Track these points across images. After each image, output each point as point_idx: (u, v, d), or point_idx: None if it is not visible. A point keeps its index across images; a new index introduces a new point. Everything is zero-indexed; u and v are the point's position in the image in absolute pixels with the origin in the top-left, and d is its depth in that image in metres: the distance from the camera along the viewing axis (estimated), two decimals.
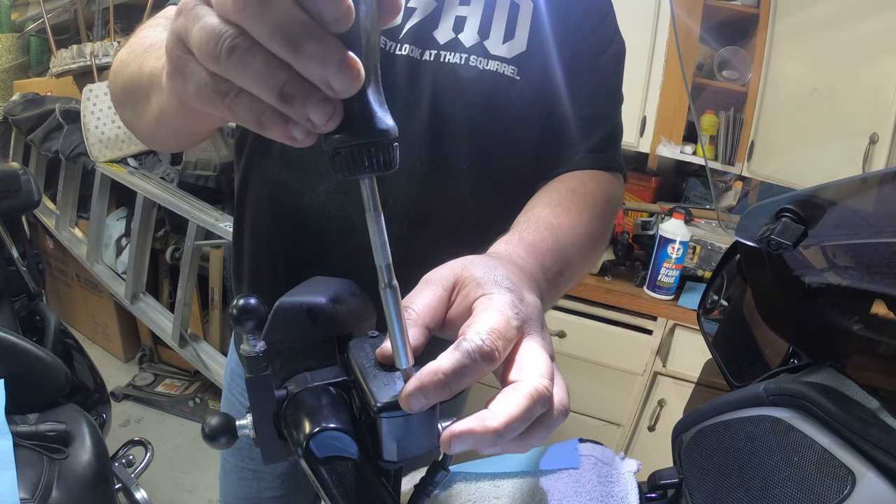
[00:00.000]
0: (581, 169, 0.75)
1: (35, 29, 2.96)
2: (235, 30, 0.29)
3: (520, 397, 0.34)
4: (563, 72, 0.75)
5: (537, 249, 0.54)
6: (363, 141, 0.31)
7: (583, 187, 0.70)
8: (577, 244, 0.60)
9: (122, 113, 0.64)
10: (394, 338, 0.35)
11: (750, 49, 1.94)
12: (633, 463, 0.54)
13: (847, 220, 0.48)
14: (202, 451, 2.27)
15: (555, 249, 0.56)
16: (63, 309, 2.85)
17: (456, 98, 0.71)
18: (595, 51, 0.77)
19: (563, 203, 0.65)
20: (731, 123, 1.96)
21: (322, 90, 0.29)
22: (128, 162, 2.35)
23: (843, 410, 0.43)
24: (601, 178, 0.74)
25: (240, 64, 0.29)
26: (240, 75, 0.29)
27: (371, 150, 0.31)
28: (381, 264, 0.34)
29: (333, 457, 0.37)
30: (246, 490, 0.90)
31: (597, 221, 0.66)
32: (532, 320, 0.41)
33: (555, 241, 0.57)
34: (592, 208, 0.67)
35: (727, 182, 2.15)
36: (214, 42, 0.29)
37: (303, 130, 0.31)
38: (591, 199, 0.68)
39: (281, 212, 0.76)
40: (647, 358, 1.90)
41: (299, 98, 0.29)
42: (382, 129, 0.31)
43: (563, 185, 0.70)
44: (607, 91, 0.79)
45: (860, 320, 0.58)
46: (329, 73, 0.28)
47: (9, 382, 1.09)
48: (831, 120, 1.65)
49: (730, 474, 0.47)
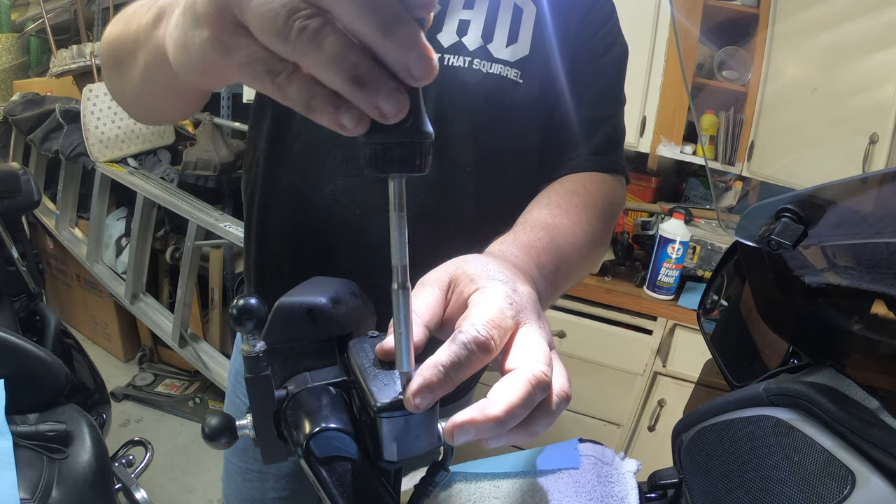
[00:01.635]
0: (582, 171, 0.75)
1: (35, 29, 2.97)
2: (310, 9, 0.27)
3: (518, 384, 0.34)
4: (566, 75, 0.75)
5: (532, 248, 0.54)
6: (408, 140, 0.30)
7: (582, 189, 0.70)
8: (575, 244, 0.60)
9: (110, 82, 0.64)
10: (399, 339, 0.35)
11: (750, 49, 1.94)
12: (633, 463, 0.54)
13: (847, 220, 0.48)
14: (202, 451, 2.27)
15: (551, 248, 0.56)
16: (63, 309, 2.85)
17: (459, 101, 0.71)
18: (598, 53, 0.77)
19: (561, 205, 0.65)
20: (731, 123, 1.96)
21: (395, 79, 0.28)
22: (128, 162, 2.35)
23: (843, 410, 0.43)
24: (602, 180, 0.74)
25: (311, 43, 0.27)
26: (309, 56, 0.28)
27: (413, 149, 0.30)
28: (398, 264, 0.33)
29: (333, 457, 0.37)
30: (250, 491, 0.90)
31: (596, 223, 0.66)
32: (527, 309, 0.41)
33: (550, 240, 0.57)
34: (592, 210, 0.67)
35: (727, 182, 2.15)
36: (284, 20, 0.27)
37: (354, 118, 0.29)
38: (591, 200, 0.68)
39: (287, 214, 0.77)
40: (647, 358, 1.90)
41: (372, 84, 0.28)
42: (427, 131, 0.30)
43: (563, 187, 0.70)
44: (609, 93, 0.79)
45: (860, 320, 0.58)
46: (411, 59, 0.27)
47: (9, 382, 1.08)
48: (831, 120, 1.65)
49: (730, 474, 0.47)
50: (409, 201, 0.33)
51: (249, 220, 0.83)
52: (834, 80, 1.62)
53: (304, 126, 0.73)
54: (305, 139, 0.73)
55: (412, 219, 0.74)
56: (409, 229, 0.34)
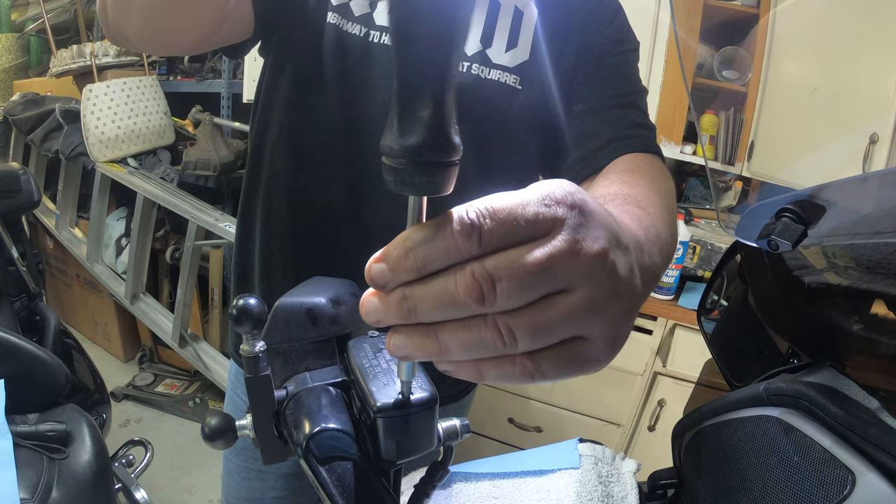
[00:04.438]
0: (622, 154, 0.69)
1: (35, 29, 2.96)
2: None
3: None
4: (568, 79, 0.74)
5: (624, 212, 0.45)
6: (434, 159, 0.27)
7: (638, 168, 0.64)
8: (663, 216, 0.49)
9: (115, 8, 0.61)
10: None
11: (750, 49, 1.94)
12: (633, 463, 0.54)
13: (847, 220, 0.48)
14: (202, 451, 2.27)
15: (643, 216, 0.46)
16: (63, 309, 2.85)
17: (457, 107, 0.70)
18: (610, 46, 0.75)
19: (627, 181, 0.58)
20: (731, 123, 1.96)
21: None
22: (128, 162, 2.35)
23: (843, 410, 0.43)
24: (650, 160, 0.69)
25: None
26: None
27: (439, 169, 0.28)
28: None
29: (333, 457, 0.37)
30: (249, 490, 0.90)
31: (669, 199, 0.58)
32: (587, 224, 0.28)
33: (639, 206, 0.48)
34: (656, 184, 0.60)
35: (727, 182, 2.15)
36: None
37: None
38: (652, 177, 0.62)
39: (291, 211, 0.76)
40: (647, 358, 1.90)
41: None
42: (456, 148, 0.28)
43: (619, 167, 0.65)
44: (629, 83, 0.76)
45: (860, 320, 0.58)
46: None
47: (9, 382, 1.09)
48: (831, 120, 1.65)
49: (730, 474, 0.47)
50: None
51: (247, 219, 0.83)
52: (834, 80, 1.61)
53: (308, 126, 0.73)
54: (311, 139, 0.73)
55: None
56: None
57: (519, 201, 0.27)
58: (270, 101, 0.77)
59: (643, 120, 0.74)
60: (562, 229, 0.27)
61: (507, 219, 0.27)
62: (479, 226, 0.26)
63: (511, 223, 0.27)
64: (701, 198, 2.28)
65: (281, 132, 0.75)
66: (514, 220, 0.27)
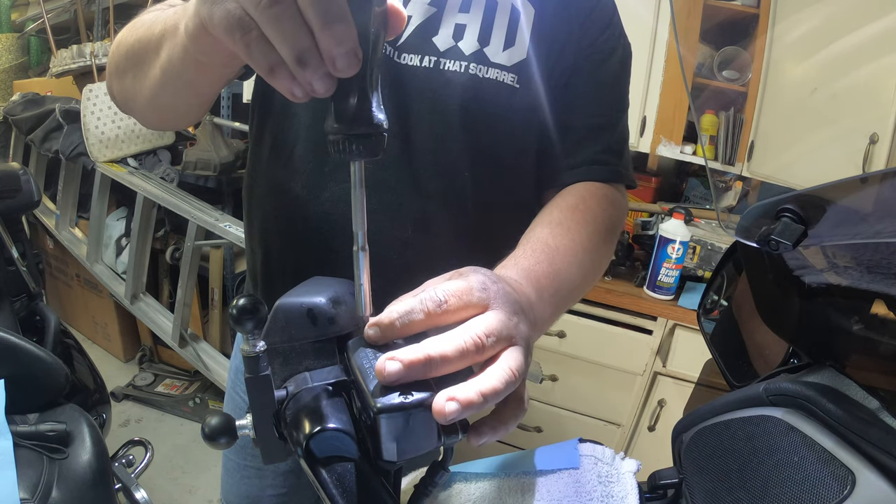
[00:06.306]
0: (584, 181, 0.75)
1: (35, 29, 2.97)
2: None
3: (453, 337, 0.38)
4: (565, 80, 0.74)
5: (532, 273, 0.55)
6: (360, 132, 0.37)
7: (583, 204, 0.70)
8: (576, 263, 0.61)
9: (123, 81, 0.65)
10: (359, 290, 0.42)
11: (750, 49, 1.94)
12: (633, 463, 0.54)
13: (847, 220, 0.48)
14: (202, 451, 2.27)
15: (551, 273, 0.57)
16: (63, 309, 2.85)
17: (455, 106, 0.70)
18: (599, 57, 0.76)
19: (563, 222, 0.65)
20: (731, 123, 1.96)
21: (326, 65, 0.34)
22: (128, 162, 2.35)
23: (843, 410, 0.43)
24: (603, 193, 0.74)
25: (274, 18, 0.33)
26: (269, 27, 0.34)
27: (366, 140, 0.37)
28: (358, 231, 0.41)
29: (333, 457, 0.37)
30: (248, 488, 0.90)
31: (597, 239, 0.67)
32: (501, 300, 0.43)
33: (550, 263, 0.58)
34: (593, 225, 0.67)
35: (727, 182, 2.16)
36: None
37: (304, 91, 0.36)
38: (591, 216, 0.69)
39: (286, 218, 0.76)
40: (647, 358, 1.90)
41: (311, 66, 0.34)
42: (377, 123, 0.37)
43: (565, 202, 0.71)
44: (612, 100, 0.78)
45: (860, 320, 0.58)
46: (339, 53, 0.34)
47: (9, 382, 1.09)
48: (831, 120, 1.65)
49: (730, 474, 0.47)
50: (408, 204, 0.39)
51: (249, 224, 0.83)
52: (834, 80, 1.61)
53: (304, 129, 0.73)
54: (305, 142, 0.73)
55: (412, 222, 0.74)
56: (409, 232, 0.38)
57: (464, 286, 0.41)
58: (264, 104, 0.78)
59: (617, 146, 0.78)
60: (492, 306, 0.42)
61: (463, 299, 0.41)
62: None
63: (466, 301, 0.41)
64: (701, 198, 2.28)
65: (275, 138, 0.76)
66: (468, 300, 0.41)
